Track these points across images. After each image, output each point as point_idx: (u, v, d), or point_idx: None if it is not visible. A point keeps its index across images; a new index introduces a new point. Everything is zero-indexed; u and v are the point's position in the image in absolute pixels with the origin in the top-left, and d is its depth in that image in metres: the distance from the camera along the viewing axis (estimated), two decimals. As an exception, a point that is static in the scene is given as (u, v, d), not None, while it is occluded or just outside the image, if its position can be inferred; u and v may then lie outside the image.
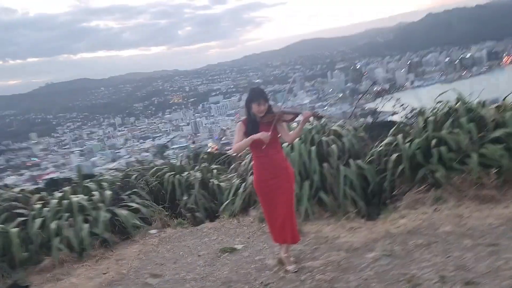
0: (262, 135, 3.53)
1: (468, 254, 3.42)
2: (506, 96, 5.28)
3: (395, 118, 6.81)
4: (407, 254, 3.64)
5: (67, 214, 5.45)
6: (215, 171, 7.58)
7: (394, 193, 5.00)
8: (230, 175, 6.82)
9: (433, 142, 4.89)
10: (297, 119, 3.88)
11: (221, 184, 6.88)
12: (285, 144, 5.41)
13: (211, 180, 6.98)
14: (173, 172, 7.18)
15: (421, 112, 5.25)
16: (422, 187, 4.80)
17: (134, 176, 7.06)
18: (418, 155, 4.93)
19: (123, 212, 5.78)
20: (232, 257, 4.36)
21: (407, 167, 4.94)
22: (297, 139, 5.38)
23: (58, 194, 5.94)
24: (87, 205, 5.54)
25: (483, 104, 5.23)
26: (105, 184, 6.41)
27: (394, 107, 6.23)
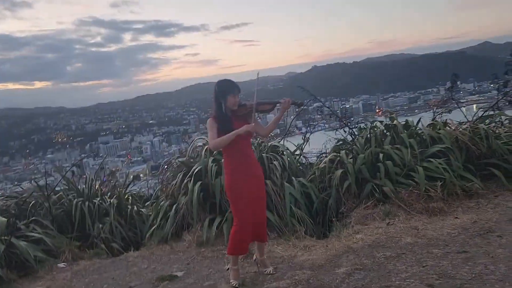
0: (247, 127, 3.22)
1: (443, 262, 3.25)
2: (434, 117, 5.55)
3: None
4: (380, 267, 3.35)
5: None
6: (131, 198, 6.68)
7: (340, 210, 4.78)
8: (154, 201, 6.02)
9: (379, 157, 4.83)
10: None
11: (142, 210, 6.03)
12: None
13: (129, 207, 6.08)
14: (81, 198, 6.11)
15: (361, 129, 5.23)
16: (369, 202, 4.65)
17: (32, 203, 5.83)
18: (364, 170, 4.82)
19: (21, 243, 4.62)
20: (174, 285, 3.63)
21: (353, 182, 4.79)
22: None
23: None
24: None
25: (417, 123, 5.40)
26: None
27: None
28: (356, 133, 5.47)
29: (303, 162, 6.03)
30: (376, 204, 4.64)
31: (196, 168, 5.12)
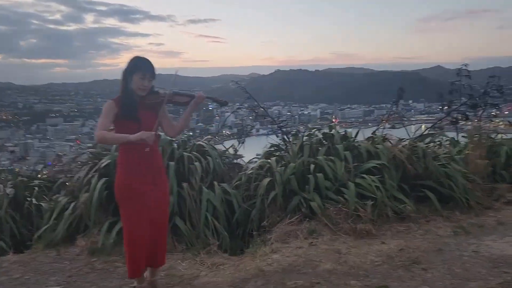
0: (143, 135, 2.52)
1: (359, 297, 2.80)
2: (375, 130, 5.19)
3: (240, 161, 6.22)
4: (287, 299, 2.85)
5: None
6: (36, 188, 5.83)
7: (263, 223, 4.26)
8: (59, 195, 5.23)
9: (311, 168, 4.37)
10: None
11: (43, 204, 5.24)
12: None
13: (28, 199, 5.26)
14: (-28, 185, 5.24)
15: (296, 136, 4.75)
16: (295, 218, 4.17)
17: None
18: (293, 181, 4.34)
19: None
20: (41, 306, 2.95)
21: (280, 194, 4.29)
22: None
23: None
24: None
25: (355, 135, 5.01)
26: None
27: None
28: (289, 139, 4.99)
29: (235, 166, 5.49)
30: (301, 220, 4.16)
31: (104, 162, 4.43)
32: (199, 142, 4.90)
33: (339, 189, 4.26)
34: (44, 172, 6.17)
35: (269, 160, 4.58)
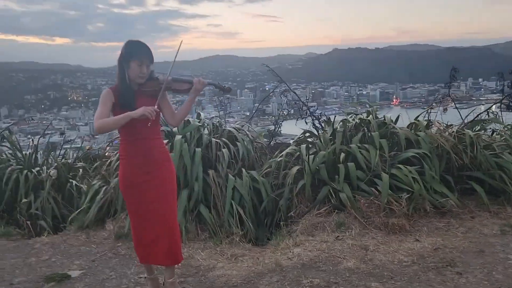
0: (144, 110, 2.40)
1: (377, 302, 2.57)
2: (418, 116, 4.76)
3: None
4: (299, 299, 2.69)
5: None
6: (81, 170, 6.04)
7: (291, 213, 4.09)
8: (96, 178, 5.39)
9: (341, 156, 4.10)
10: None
11: (84, 187, 5.42)
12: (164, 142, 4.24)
13: (71, 181, 5.47)
14: (20, 167, 5.53)
15: (329, 122, 4.47)
16: (323, 209, 3.95)
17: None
18: (322, 170, 4.11)
19: None
20: (58, 290, 3.02)
21: (309, 183, 4.09)
22: (180, 136, 4.26)
23: None
24: None
25: (395, 121, 4.63)
26: None
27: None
28: (322, 125, 4.71)
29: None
30: (330, 212, 3.94)
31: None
32: (229, 129, 4.76)
33: (372, 180, 3.96)
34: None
35: (296, 147, 4.36)
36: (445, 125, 4.70)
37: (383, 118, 4.63)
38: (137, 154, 2.59)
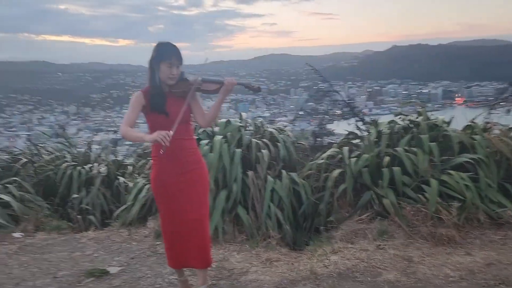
0: (158, 135, 2.33)
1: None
2: (474, 118, 4.40)
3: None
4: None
5: None
6: (130, 167, 6.25)
7: (330, 218, 3.94)
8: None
9: (386, 160, 3.89)
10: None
11: (130, 184, 5.59)
12: (204, 142, 4.25)
13: (119, 177, 5.66)
14: (74, 163, 5.81)
15: (374, 123, 4.25)
16: (365, 215, 3.77)
17: (22, 161, 5.63)
18: (365, 174, 3.91)
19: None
20: (96, 286, 3.11)
21: (350, 187, 3.91)
22: (220, 137, 4.25)
23: None
24: None
25: (448, 123, 4.31)
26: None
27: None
28: (365, 127, 4.49)
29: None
30: (372, 219, 3.74)
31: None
32: (270, 130, 4.68)
33: (419, 186, 3.71)
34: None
35: (338, 150, 4.18)
36: (507, 128, 4.30)
37: (435, 119, 4.33)
38: (168, 155, 2.58)
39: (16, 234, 4.23)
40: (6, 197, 4.63)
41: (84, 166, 5.67)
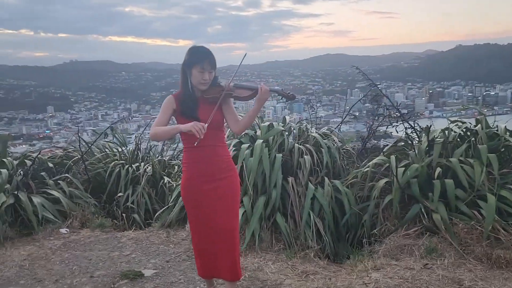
0: (193, 126, 2.30)
1: None
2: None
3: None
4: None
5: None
6: (176, 168, 6.32)
7: (374, 231, 3.70)
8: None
9: (437, 171, 3.58)
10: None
11: (175, 184, 5.64)
12: (245, 146, 4.17)
13: (164, 177, 5.73)
14: (123, 161, 5.96)
15: (427, 130, 3.94)
16: (412, 230, 3.49)
17: (74, 158, 5.86)
18: (414, 185, 3.62)
19: (37, 199, 4.58)
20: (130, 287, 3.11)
21: (397, 199, 3.64)
22: (261, 141, 4.13)
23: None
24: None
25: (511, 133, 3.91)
26: (29, 162, 5.21)
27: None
28: (417, 134, 4.17)
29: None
30: (420, 234, 3.46)
31: (231, 148, 4.44)
32: (313, 134, 4.50)
33: (475, 202, 3.38)
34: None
35: (386, 158, 3.92)
36: None
37: (495, 128, 3.94)
38: (199, 162, 2.52)
39: (63, 230, 4.37)
40: (57, 193, 4.81)
41: (132, 165, 5.80)
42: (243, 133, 4.51)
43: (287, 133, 4.52)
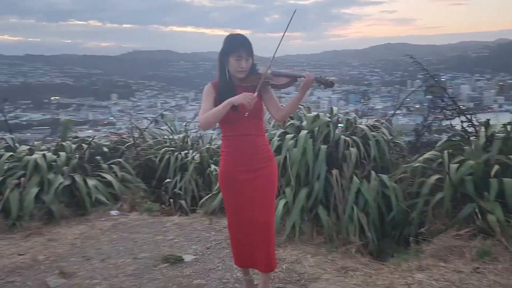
0: (244, 97, 2.30)
1: None
2: None
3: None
4: None
5: (21, 172, 4.62)
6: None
7: (422, 229, 3.51)
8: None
9: (495, 169, 3.31)
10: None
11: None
12: (289, 137, 4.10)
13: (211, 165, 5.81)
14: (173, 148, 6.12)
15: (486, 124, 3.65)
16: (464, 230, 3.27)
17: (127, 144, 6.10)
18: (468, 183, 3.38)
19: (91, 181, 4.84)
20: (169, 272, 3.18)
21: (449, 197, 3.42)
22: (305, 131, 4.05)
23: (23, 148, 5.12)
24: (45, 165, 4.63)
25: None
26: (85, 146, 5.49)
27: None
28: (475, 128, 3.87)
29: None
30: (473, 236, 3.23)
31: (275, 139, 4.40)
32: (361, 126, 4.33)
33: (536, 203, 3.09)
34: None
35: (438, 153, 3.68)
36: None
37: None
38: (237, 151, 2.50)
39: (113, 212, 4.58)
40: (109, 177, 5.04)
41: (181, 152, 5.94)
42: (289, 123, 4.47)
43: (332, 124, 4.38)
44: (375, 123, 4.67)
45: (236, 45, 2.41)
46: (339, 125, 4.32)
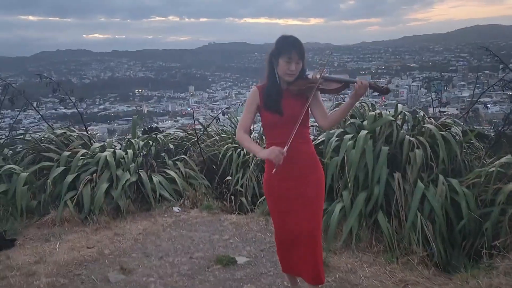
0: (271, 153, 2.20)
1: None
2: None
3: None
4: None
5: (94, 168, 4.94)
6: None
7: (496, 242, 3.16)
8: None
9: None
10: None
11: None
12: (348, 137, 3.91)
13: (273, 162, 5.76)
14: (236, 145, 6.17)
15: None
16: (546, 247, 2.88)
17: (192, 140, 6.27)
18: (553, 193, 2.97)
19: (156, 178, 5.04)
20: (221, 274, 3.20)
21: (529, 208, 3.03)
22: (365, 132, 3.83)
23: (96, 145, 5.46)
24: (113, 162, 4.90)
25: None
26: (151, 143, 5.73)
27: None
28: None
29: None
30: (557, 253, 2.83)
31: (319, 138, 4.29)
32: (427, 125, 3.99)
33: None
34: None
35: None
36: None
37: None
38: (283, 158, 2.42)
39: (175, 209, 4.72)
40: (173, 173, 5.21)
41: (243, 149, 5.96)
42: (349, 122, 4.26)
43: (396, 123, 4.10)
44: (445, 121, 4.28)
45: (287, 46, 2.32)
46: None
